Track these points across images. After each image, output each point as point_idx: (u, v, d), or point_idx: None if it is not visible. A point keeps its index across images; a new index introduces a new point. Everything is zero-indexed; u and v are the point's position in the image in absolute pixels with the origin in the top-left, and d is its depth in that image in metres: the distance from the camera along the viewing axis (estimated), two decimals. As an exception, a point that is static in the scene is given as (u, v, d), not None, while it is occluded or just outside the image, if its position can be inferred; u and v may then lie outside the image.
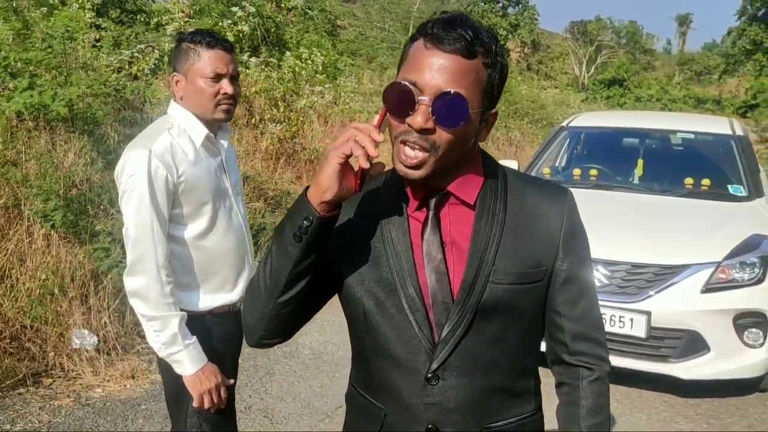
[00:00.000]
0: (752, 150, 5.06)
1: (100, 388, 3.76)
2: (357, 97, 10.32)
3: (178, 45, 2.02)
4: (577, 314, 1.29)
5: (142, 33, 8.48)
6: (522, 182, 1.31)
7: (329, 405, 3.81)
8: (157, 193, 1.87)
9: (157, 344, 1.90)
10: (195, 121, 2.00)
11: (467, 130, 1.16)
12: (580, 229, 1.30)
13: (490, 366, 1.26)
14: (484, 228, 1.24)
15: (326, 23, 17.79)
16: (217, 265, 2.05)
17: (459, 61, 1.12)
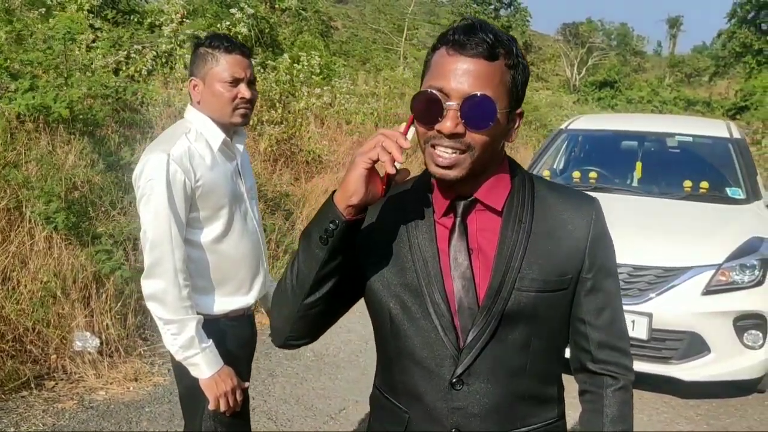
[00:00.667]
0: (749, 153, 5.11)
1: (103, 390, 3.75)
2: (352, 99, 10.32)
3: (196, 50, 2.03)
4: (602, 323, 1.30)
5: (136, 33, 8.45)
6: (549, 189, 1.31)
7: (332, 407, 3.82)
8: (176, 197, 1.88)
9: (174, 347, 1.91)
10: (212, 126, 2.01)
11: (497, 131, 1.18)
12: (606, 238, 1.30)
13: (514, 372, 1.26)
14: (510, 235, 1.25)
15: (320, 24, 17.80)
16: (232, 269, 2.06)
17: (482, 64, 1.15)
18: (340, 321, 4.88)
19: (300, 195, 6.50)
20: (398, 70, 13.00)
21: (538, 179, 1.33)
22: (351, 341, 4.80)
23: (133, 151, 4.87)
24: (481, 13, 41.95)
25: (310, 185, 6.78)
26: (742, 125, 18.79)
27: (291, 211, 6.06)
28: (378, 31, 18.80)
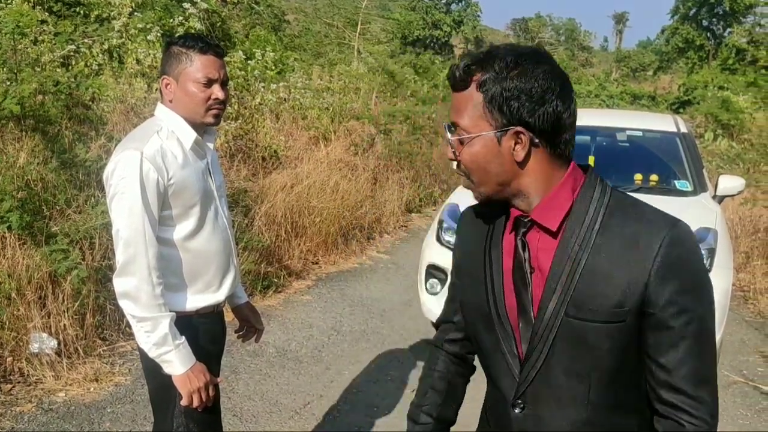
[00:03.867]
0: (696, 147, 5.31)
1: (63, 392, 3.69)
2: (308, 93, 10.28)
3: (168, 48, 2.03)
4: (670, 363, 1.18)
5: (82, 27, 8.23)
6: (624, 209, 1.22)
7: (297, 402, 3.84)
8: (149, 195, 1.89)
9: (148, 345, 1.91)
10: (184, 125, 2.02)
11: (476, 151, 1.22)
12: (680, 269, 1.16)
13: (573, 400, 1.24)
14: (564, 259, 1.21)
15: (272, 18, 17.64)
16: (204, 266, 2.08)
17: (457, 97, 1.24)
18: (301, 316, 4.95)
19: (258, 191, 6.45)
20: (353, 64, 12.98)
21: (618, 196, 1.24)
22: (313, 336, 4.82)
23: (87, 148, 4.77)
24: (433, 8, 42.19)
25: (268, 181, 6.73)
26: (686, 119, 19.42)
27: (249, 207, 6.03)
28: (331, 26, 18.73)
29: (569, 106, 1.20)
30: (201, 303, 2.09)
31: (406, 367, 4.40)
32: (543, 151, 1.21)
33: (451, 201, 4.91)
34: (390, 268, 6.74)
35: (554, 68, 1.20)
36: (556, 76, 1.20)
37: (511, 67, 1.18)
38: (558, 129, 1.20)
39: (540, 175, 1.22)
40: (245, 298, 2.48)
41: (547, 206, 1.23)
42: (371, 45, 16.40)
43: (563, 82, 1.20)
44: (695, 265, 1.18)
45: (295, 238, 6.36)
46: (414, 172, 9.80)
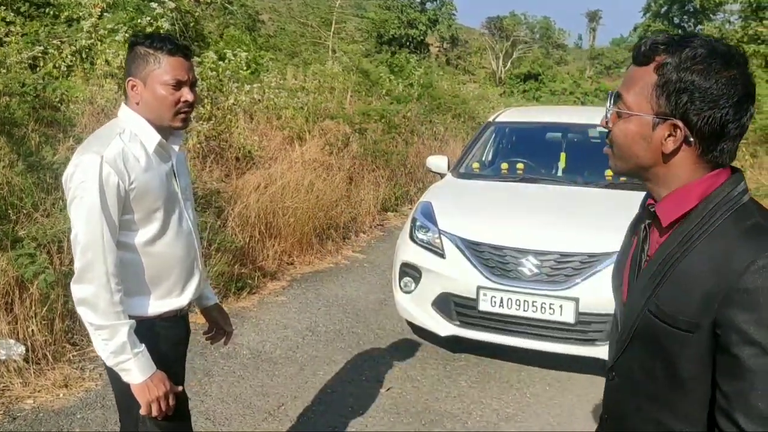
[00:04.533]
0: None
1: (31, 399, 3.62)
2: (282, 93, 10.22)
3: (133, 48, 1.98)
4: (729, 391, 1.14)
5: (52, 27, 8.10)
6: (740, 220, 1.18)
7: (270, 403, 3.81)
8: (108, 200, 1.85)
9: (105, 353, 1.88)
10: (147, 127, 1.97)
11: (629, 129, 1.25)
12: (758, 299, 1.09)
13: (639, 390, 1.29)
14: (665, 255, 1.23)
15: (247, 18, 17.53)
16: (166, 271, 2.05)
17: (633, 70, 1.25)
18: (275, 317, 4.90)
19: (231, 192, 6.40)
20: (327, 64, 12.92)
21: (748, 207, 1.20)
22: (287, 337, 4.79)
23: (55, 150, 4.69)
24: (408, 7, 42.16)
25: (241, 182, 6.68)
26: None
27: (222, 208, 5.98)
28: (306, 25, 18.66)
29: (741, 117, 1.18)
30: (163, 308, 2.06)
31: (381, 366, 4.39)
32: (693, 151, 1.20)
33: (424, 199, 4.92)
34: (366, 267, 6.73)
35: (742, 76, 1.17)
36: (741, 84, 1.17)
37: (698, 60, 1.16)
38: (718, 136, 1.18)
39: (679, 171, 1.22)
40: (214, 299, 2.45)
41: (669, 201, 1.24)
42: (346, 44, 16.35)
43: (746, 93, 1.18)
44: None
45: (269, 238, 6.32)
46: (390, 171, 9.80)
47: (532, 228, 4.24)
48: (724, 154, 1.21)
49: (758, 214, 1.19)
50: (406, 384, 4.15)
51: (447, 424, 3.70)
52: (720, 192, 1.21)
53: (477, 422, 3.73)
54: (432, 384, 4.16)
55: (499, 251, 4.14)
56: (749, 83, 1.19)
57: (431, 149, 11.36)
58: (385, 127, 10.61)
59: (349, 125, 9.81)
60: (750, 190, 1.26)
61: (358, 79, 12.15)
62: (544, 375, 4.31)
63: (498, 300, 4.07)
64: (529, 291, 4.01)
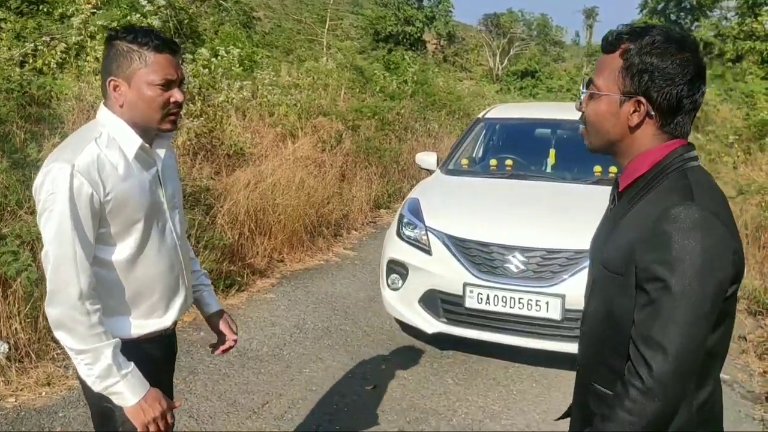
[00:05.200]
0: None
1: (13, 397, 3.60)
2: (275, 90, 10.18)
3: (112, 43, 1.79)
4: (637, 320, 1.32)
5: (45, 24, 8.06)
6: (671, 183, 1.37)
7: (255, 401, 3.79)
8: (81, 214, 1.69)
9: (91, 378, 1.72)
10: (128, 130, 1.80)
11: (600, 108, 1.44)
12: (661, 242, 1.28)
13: (599, 334, 1.48)
14: (615, 213, 1.47)
15: (241, 15, 17.48)
16: (147, 289, 1.90)
17: (602, 58, 1.46)
18: (264, 315, 4.85)
19: (221, 189, 6.37)
20: (321, 60, 12.90)
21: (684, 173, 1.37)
22: (275, 335, 4.77)
23: (41, 147, 4.67)
24: (404, 4, 42.07)
25: (232, 179, 6.65)
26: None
27: (211, 205, 5.95)
28: (300, 22, 18.63)
29: (694, 94, 1.38)
30: (145, 329, 1.91)
31: (367, 364, 4.37)
32: (654, 124, 1.40)
33: (411, 196, 4.90)
34: (356, 264, 6.71)
35: (695, 58, 1.37)
36: (693, 65, 1.36)
37: (656, 45, 1.36)
38: (675, 110, 1.38)
39: (642, 142, 1.41)
40: (216, 305, 2.27)
41: (627, 169, 1.45)
42: (340, 41, 16.32)
43: (698, 72, 1.37)
44: (680, 242, 1.27)
45: (259, 236, 6.29)
46: (383, 168, 9.78)
47: (519, 224, 4.22)
48: (680, 127, 1.41)
49: (692, 179, 1.36)
50: (392, 382, 4.13)
51: (432, 422, 3.69)
52: (668, 158, 1.40)
53: (462, 420, 3.72)
54: (418, 381, 4.14)
55: (485, 248, 4.12)
56: (700, 65, 1.39)
57: (425, 146, 11.34)
58: (378, 124, 10.58)
59: (342, 122, 9.78)
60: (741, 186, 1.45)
61: (351, 76, 12.14)
62: (531, 372, 4.30)
63: (484, 297, 4.06)
64: (516, 288, 3.99)
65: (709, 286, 1.26)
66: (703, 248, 1.26)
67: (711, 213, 1.29)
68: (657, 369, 1.27)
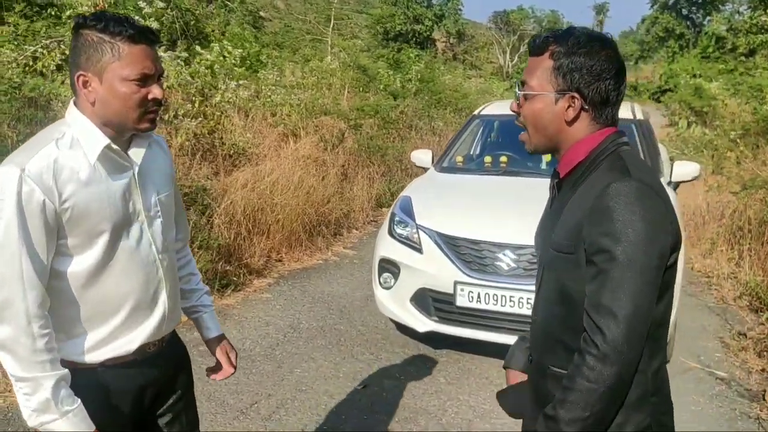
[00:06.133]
0: (652, 133, 5.27)
1: (1, 398, 3.61)
2: (279, 90, 10.19)
3: (80, 34, 1.58)
4: (589, 292, 1.38)
5: (52, 27, 8.09)
6: (608, 165, 1.45)
7: (244, 402, 3.77)
8: (30, 224, 1.51)
9: (27, 411, 1.53)
10: (93, 130, 1.61)
11: (536, 107, 1.50)
12: (603, 215, 1.35)
13: (553, 317, 1.53)
14: (560, 199, 1.54)
15: (247, 15, 17.51)
16: (110, 308, 1.69)
17: (532, 60, 1.53)
18: (258, 314, 4.83)
19: (220, 189, 6.37)
20: (325, 60, 12.89)
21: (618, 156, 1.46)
22: (269, 334, 4.76)
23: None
24: (414, 2, 42.04)
25: (230, 179, 6.64)
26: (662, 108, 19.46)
27: (208, 205, 5.94)
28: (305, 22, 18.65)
29: (619, 86, 1.48)
30: (106, 354, 1.69)
31: (360, 363, 4.34)
32: (588, 116, 1.49)
33: (404, 194, 4.86)
34: (355, 263, 6.69)
35: (615, 54, 1.48)
36: (615, 61, 1.47)
37: (581, 45, 1.45)
38: (605, 102, 1.48)
39: (579, 134, 1.50)
40: (216, 330, 2.11)
41: (565, 158, 1.52)
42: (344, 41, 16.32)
43: (620, 67, 1.48)
44: (622, 214, 1.33)
45: (256, 235, 6.28)
46: (385, 166, 9.75)
47: (510, 222, 4.17)
48: (609, 117, 1.51)
49: (627, 160, 1.44)
50: (383, 381, 4.10)
51: (421, 421, 3.65)
52: (603, 143, 1.49)
53: (452, 419, 3.68)
54: (410, 381, 4.11)
55: (475, 246, 4.08)
56: (621, 61, 1.50)
57: (429, 144, 11.29)
58: (380, 123, 10.55)
59: (345, 121, 9.76)
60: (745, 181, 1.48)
61: (355, 74, 12.12)
62: (525, 371, 4.25)
63: (475, 295, 4.02)
64: (507, 286, 3.95)
65: (653, 254, 1.33)
66: (643, 219, 1.33)
67: (647, 186, 1.37)
68: (610, 335, 1.32)
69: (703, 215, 7.57)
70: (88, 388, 1.62)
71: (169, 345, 1.90)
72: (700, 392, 4.03)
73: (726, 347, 4.75)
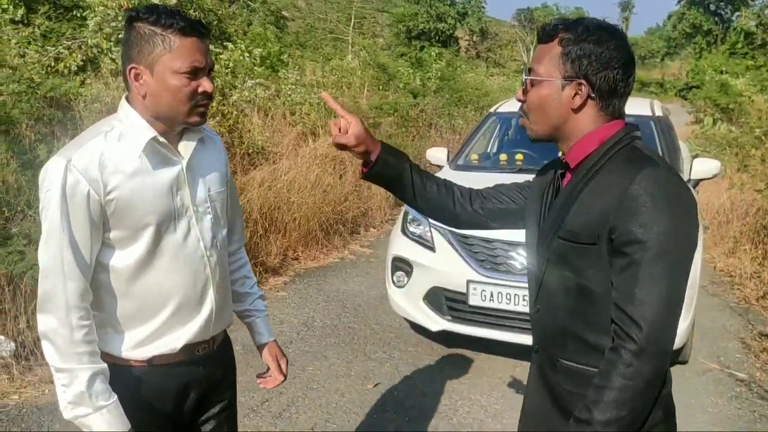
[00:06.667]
0: (671, 130, 5.17)
1: (17, 395, 3.65)
2: (299, 89, 10.21)
3: (132, 26, 1.59)
4: (618, 284, 1.34)
5: (78, 29, 8.20)
6: (625, 156, 1.41)
7: (255, 399, 3.78)
8: (73, 215, 1.51)
9: (63, 403, 1.52)
10: (139, 122, 1.61)
11: (542, 93, 1.47)
12: (635, 205, 1.31)
13: (562, 309, 1.48)
14: (569, 189, 1.48)
15: (269, 15, 17.58)
16: (155, 304, 1.67)
17: (541, 48, 1.51)
18: (273, 312, 4.83)
19: (237, 188, 6.39)
20: (346, 59, 12.90)
21: (631, 148, 1.43)
22: (282, 332, 4.76)
23: (50, 148, 4.74)
24: (436, 0, 41.87)
25: (247, 178, 6.67)
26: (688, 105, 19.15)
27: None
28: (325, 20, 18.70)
29: (627, 78, 1.45)
30: (152, 351, 1.67)
31: (372, 362, 4.33)
32: (595, 106, 1.45)
33: (418, 192, 4.82)
34: (371, 262, 6.67)
35: (624, 45, 1.45)
36: (624, 51, 1.45)
37: (591, 32, 1.44)
38: (612, 92, 1.45)
39: (584, 124, 1.46)
40: (268, 336, 2.09)
41: (575, 149, 1.48)
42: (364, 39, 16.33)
43: (628, 58, 1.45)
44: (653, 203, 1.30)
45: (273, 234, 6.30)
46: (404, 165, 9.69)
47: (524, 220, 4.12)
48: (617, 109, 1.48)
49: (643, 152, 1.42)
50: (395, 380, 4.08)
51: (432, 421, 3.62)
52: (615, 137, 1.45)
53: (463, 419, 3.65)
54: (422, 380, 4.09)
55: (488, 244, 4.04)
56: (630, 52, 1.47)
57: (449, 142, 11.23)
58: (399, 121, 10.53)
59: (363, 119, 9.74)
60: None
61: (375, 73, 12.10)
62: (539, 371, 4.19)
63: (488, 294, 3.98)
64: (520, 284, 3.90)
65: (685, 244, 1.32)
66: (676, 207, 1.31)
67: (675, 174, 1.37)
68: (647, 328, 1.28)
69: (726, 213, 7.43)
70: (130, 386, 1.62)
71: (219, 348, 1.88)
72: (718, 393, 3.94)
73: (747, 348, 4.65)
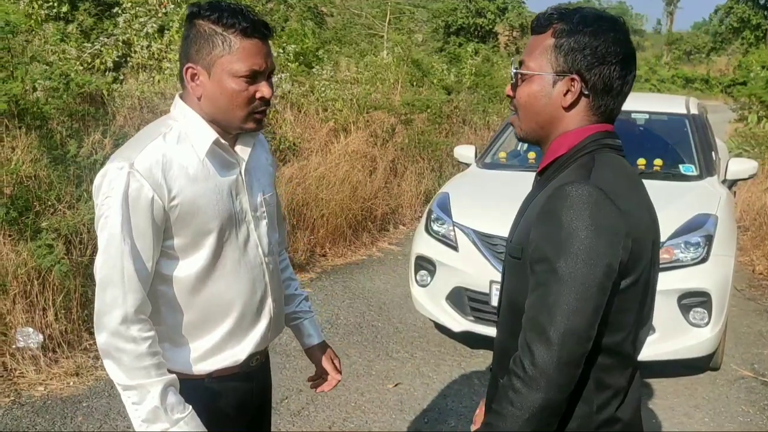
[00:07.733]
0: (706, 128, 5.02)
1: (42, 386, 3.73)
2: (332, 85, 10.22)
3: (193, 24, 1.50)
4: (527, 304, 1.25)
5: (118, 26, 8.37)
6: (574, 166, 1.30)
7: (274, 397, 3.59)
8: (136, 222, 1.44)
9: (137, 421, 1.46)
10: (201, 124, 1.54)
11: (532, 89, 1.35)
12: (550, 219, 1.22)
13: (512, 324, 1.34)
14: (526, 201, 1.41)
15: (306, 11, 17.64)
16: (219, 315, 1.60)
17: (533, 39, 1.38)
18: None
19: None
20: (380, 54, 12.86)
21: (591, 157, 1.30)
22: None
23: (80, 143, 4.82)
24: (476, -5, 41.49)
25: (276, 174, 6.70)
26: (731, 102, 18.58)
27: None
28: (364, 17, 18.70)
29: (626, 75, 1.32)
30: (215, 364, 1.61)
31: (393, 361, 4.30)
32: (587, 105, 1.33)
33: (443, 190, 4.79)
34: (399, 260, 6.63)
35: (625, 39, 1.33)
36: (623, 45, 1.32)
37: (588, 23, 1.31)
38: (607, 90, 1.32)
39: (571, 124, 1.34)
40: (318, 337, 2.01)
41: (548, 151, 1.37)
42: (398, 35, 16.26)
43: (628, 53, 1.32)
44: (568, 220, 1.19)
45: (300, 230, 6.31)
46: (436, 162, 9.64)
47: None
48: (609, 110, 1.35)
49: (599, 159, 1.29)
50: (416, 380, 4.05)
51: (451, 422, 3.58)
52: (584, 141, 1.32)
53: (482, 422, 3.59)
54: (443, 381, 4.04)
55: (512, 244, 3.96)
56: (631, 47, 1.34)
57: (483, 139, 11.11)
58: (432, 117, 10.45)
59: (395, 116, 9.70)
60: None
61: (409, 69, 12.03)
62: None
63: (511, 295, 3.90)
64: (544, 286, 3.82)
65: (597, 269, 1.18)
66: (590, 228, 1.18)
67: (603, 192, 1.21)
68: (539, 357, 1.18)
69: (767, 215, 7.19)
70: (194, 402, 1.53)
71: (266, 358, 1.83)
72: (750, 402, 3.81)
73: (783, 356, 4.48)
